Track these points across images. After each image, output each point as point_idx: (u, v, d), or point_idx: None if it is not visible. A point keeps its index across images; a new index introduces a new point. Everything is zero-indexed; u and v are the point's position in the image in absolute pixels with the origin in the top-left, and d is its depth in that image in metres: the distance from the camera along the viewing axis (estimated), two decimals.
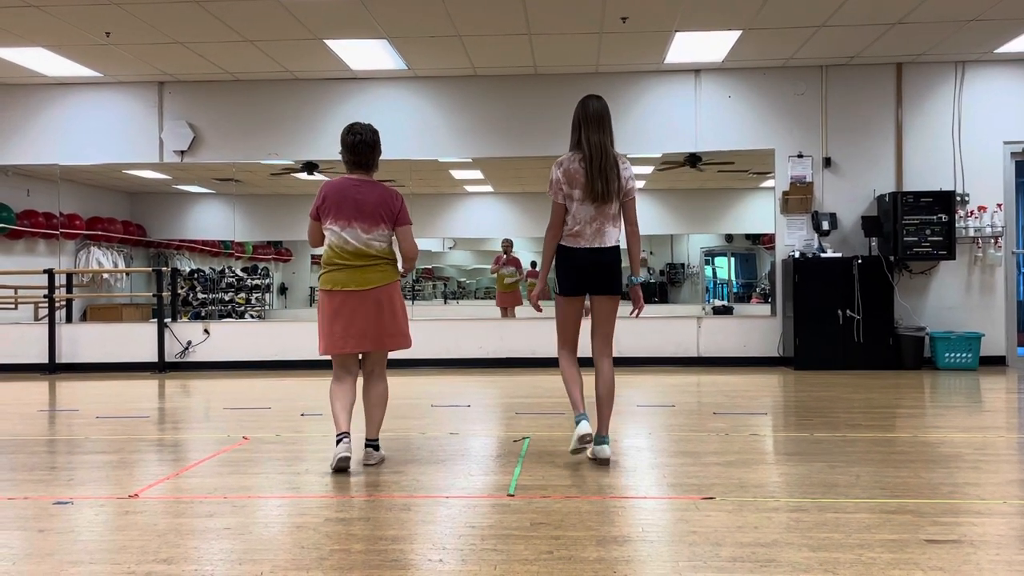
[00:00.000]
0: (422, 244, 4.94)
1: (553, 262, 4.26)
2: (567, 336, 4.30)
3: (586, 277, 4.15)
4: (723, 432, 5.04)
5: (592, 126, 4.09)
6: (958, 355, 8.27)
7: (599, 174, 4.02)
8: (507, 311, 10.41)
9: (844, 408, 5.99)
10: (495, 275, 10.79)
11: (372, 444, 4.30)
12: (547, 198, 4.18)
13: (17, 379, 8.48)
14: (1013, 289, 8.80)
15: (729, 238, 11.28)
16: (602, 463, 4.15)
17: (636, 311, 4.23)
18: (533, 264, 11.20)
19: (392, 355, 4.42)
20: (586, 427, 4.07)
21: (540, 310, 4.43)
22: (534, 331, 9.01)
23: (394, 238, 4.28)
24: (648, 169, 10.11)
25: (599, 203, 4.05)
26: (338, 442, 4.08)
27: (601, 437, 4.17)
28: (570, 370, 4.25)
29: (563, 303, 4.23)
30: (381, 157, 4.34)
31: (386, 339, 4.20)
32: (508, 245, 10.68)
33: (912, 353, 8.32)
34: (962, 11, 7.14)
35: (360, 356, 4.31)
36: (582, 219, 4.08)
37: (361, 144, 4.20)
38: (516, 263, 10.68)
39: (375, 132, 4.28)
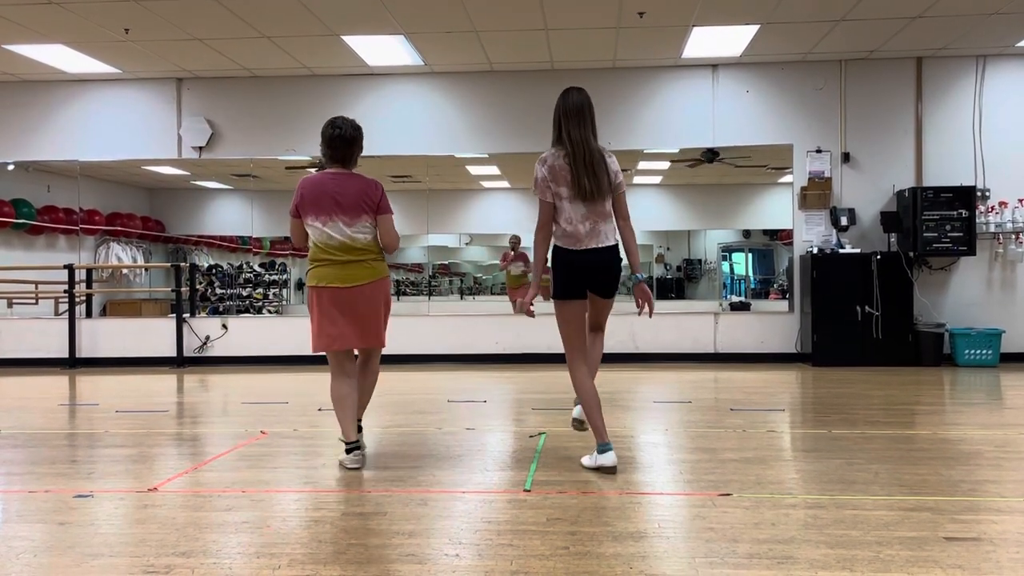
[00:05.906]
0: (439, 240, 4.91)
1: (547, 265, 4.06)
2: (576, 343, 4.06)
3: (588, 279, 3.98)
4: (740, 428, 5.02)
5: (572, 120, 3.91)
6: (978, 352, 8.20)
7: (585, 170, 3.84)
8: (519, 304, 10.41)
9: (863, 404, 5.95)
10: (504, 271, 10.81)
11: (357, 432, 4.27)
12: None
13: (38, 373, 8.57)
14: None
15: (747, 234, 11.22)
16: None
17: (648, 310, 3.97)
18: None
19: (408, 350, 4.40)
20: (612, 458, 3.86)
21: (533, 315, 4.16)
22: (551, 327, 8.98)
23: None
24: (665, 164, 10.07)
25: (589, 200, 3.87)
26: (348, 451, 4.04)
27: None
28: (588, 390, 4.00)
29: (565, 308, 4.01)
30: (395, 153, 4.29)
31: (370, 338, 4.12)
32: (515, 241, 10.67)
33: (932, 350, 8.25)
34: (983, 5, 7.06)
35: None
36: (575, 219, 3.88)
37: (339, 139, 4.07)
38: (524, 258, 10.67)
39: (357, 129, 4.13)
